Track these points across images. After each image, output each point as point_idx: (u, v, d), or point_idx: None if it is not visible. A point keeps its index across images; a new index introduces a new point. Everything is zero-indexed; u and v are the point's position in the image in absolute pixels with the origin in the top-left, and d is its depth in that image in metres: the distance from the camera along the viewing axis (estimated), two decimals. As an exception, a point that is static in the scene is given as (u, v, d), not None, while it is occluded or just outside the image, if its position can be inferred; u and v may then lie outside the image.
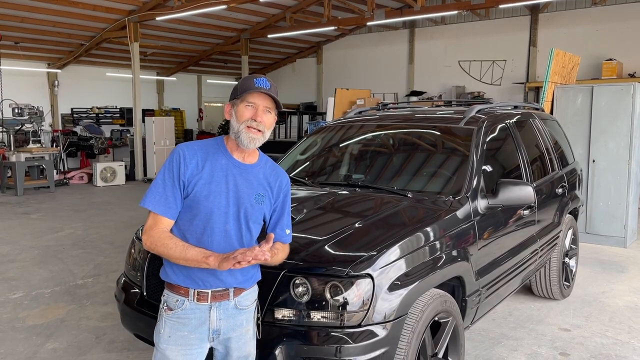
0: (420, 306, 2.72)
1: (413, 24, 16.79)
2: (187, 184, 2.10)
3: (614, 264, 6.28)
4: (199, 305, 2.14)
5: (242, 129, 2.10)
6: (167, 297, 2.20)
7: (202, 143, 2.21)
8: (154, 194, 2.09)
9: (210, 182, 2.10)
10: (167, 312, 2.18)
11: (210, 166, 2.13)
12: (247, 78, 2.17)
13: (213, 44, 17.78)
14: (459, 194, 3.42)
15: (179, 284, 2.14)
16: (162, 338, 2.17)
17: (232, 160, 2.17)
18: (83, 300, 5.09)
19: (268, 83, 2.13)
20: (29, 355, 3.94)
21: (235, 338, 2.22)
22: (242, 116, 2.11)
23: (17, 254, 6.81)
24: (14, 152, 12.03)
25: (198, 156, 2.13)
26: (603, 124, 7.03)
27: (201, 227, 2.10)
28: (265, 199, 2.21)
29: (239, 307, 2.21)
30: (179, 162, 2.10)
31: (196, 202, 2.09)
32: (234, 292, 2.18)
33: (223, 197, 2.11)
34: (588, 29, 13.59)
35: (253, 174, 2.20)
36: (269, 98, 2.13)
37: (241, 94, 2.12)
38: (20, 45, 14.46)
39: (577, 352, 3.97)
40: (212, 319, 2.15)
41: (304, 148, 4.60)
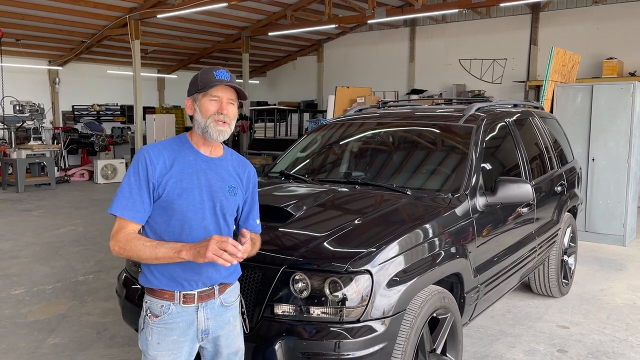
0: (419, 302, 2.74)
1: (414, 22, 16.79)
2: (157, 186, 2.04)
3: (613, 262, 6.30)
4: (185, 307, 2.10)
5: (210, 123, 2.07)
6: (150, 303, 2.13)
7: (166, 142, 2.16)
8: (121, 200, 2.03)
9: (181, 180, 2.06)
10: (152, 320, 2.11)
11: (179, 164, 2.08)
12: (206, 71, 2.13)
13: (214, 42, 17.79)
14: (458, 191, 3.44)
15: (163, 288, 2.09)
16: (150, 345, 2.12)
17: (199, 155, 2.14)
18: (84, 296, 5.12)
19: (228, 75, 2.10)
20: (30, 350, 3.97)
21: (224, 335, 2.21)
22: (208, 110, 2.08)
23: (19, 251, 6.83)
24: (15, 149, 12.06)
25: (164, 155, 2.08)
26: (603, 122, 7.05)
27: (179, 226, 2.06)
28: (237, 190, 2.20)
29: (224, 304, 2.19)
30: (145, 164, 2.04)
31: (170, 202, 2.04)
32: (219, 290, 2.16)
33: (196, 193, 2.08)
34: (589, 28, 13.59)
35: (222, 166, 2.18)
36: (231, 90, 2.11)
37: (203, 88, 2.08)
38: (22, 42, 14.48)
39: (575, 349, 3.99)
40: (200, 320, 2.12)
41: (304, 145, 4.62)
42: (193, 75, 2.18)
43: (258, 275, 2.63)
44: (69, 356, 3.88)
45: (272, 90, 21.41)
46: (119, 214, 2.03)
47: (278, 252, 2.72)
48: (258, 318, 2.59)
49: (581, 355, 3.90)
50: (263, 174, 4.37)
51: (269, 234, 2.97)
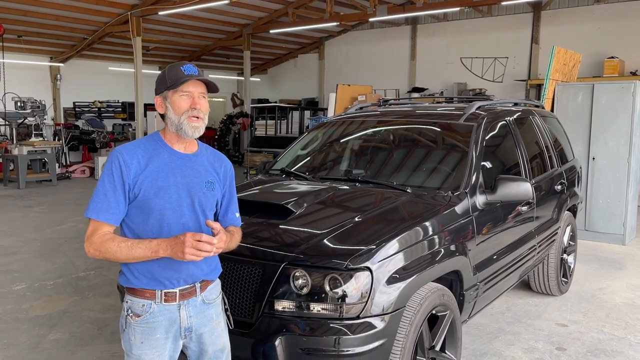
0: (418, 299, 2.76)
1: (415, 21, 16.78)
2: (132, 186, 2.02)
3: (613, 261, 6.32)
4: (167, 306, 2.08)
5: (184, 120, 2.05)
6: (130, 303, 2.10)
7: (138, 142, 2.13)
8: (96, 203, 2.01)
9: (156, 178, 2.04)
10: (134, 319, 2.08)
11: (154, 163, 2.06)
12: (173, 68, 2.10)
13: (215, 39, 17.79)
14: (458, 189, 3.46)
15: (144, 287, 2.07)
16: (134, 345, 2.09)
17: (174, 153, 2.12)
18: (85, 292, 5.14)
19: (195, 69, 2.09)
20: (32, 345, 4.00)
21: (208, 332, 2.20)
22: (180, 107, 2.06)
23: (20, 247, 6.86)
24: (17, 145, 12.09)
25: (138, 155, 2.06)
26: (603, 121, 7.05)
27: (157, 225, 2.05)
28: (215, 185, 2.19)
29: (206, 301, 2.18)
30: (119, 166, 2.02)
31: (146, 201, 2.03)
32: (201, 287, 2.15)
33: (173, 191, 2.06)
34: (590, 27, 13.58)
35: (198, 162, 2.17)
36: (201, 83, 2.10)
37: (172, 85, 2.06)
38: (23, 38, 14.48)
39: (573, 347, 4.01)
40: (182, 318, 2.11)
41: (304, 143, 4.63)
42: (160, 73, 2.15)
43: (259, 271, 2.65)
44: (70, 351, 3.90)
45: (273, 87, 21.41)
46: (94, 217, 2.02)
47: (279, 248, 2.74)
48: (258, 314, 2.61)
49: (580, 353, 3.92)
50: (264, 172, 4.38)
51: (270, 231, 3.00)
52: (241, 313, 2.66)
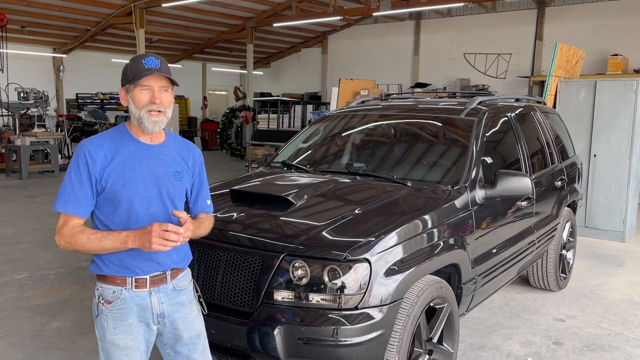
0: (416, 291, 2.78)
1: (419, 15, 16.75)
2: (99, 178, 2.03)
3: (612, 257, 6.33)
4: (138, 292, 2.10)
5: (144, 114, 2.04)
6: (101, 290, 2.12)
7: (105, 134, 2.14)
8: (63, 196, 2.03)
9: (123, 170, 2.05)
10: (105, 306, 2.10)
11: (120, 155, 2.07)
12: (135, 60, 2.08)
13: (218, 32, 17.80)
14: (458, 183, 3.47)
15: (114, 274, 2.09)
16: (107, 330, 2.11)
17: (140, 144, 2.12)
18: (87, 282, 5.18)
19: (157, 61, 2.06)
20: (33, 333, 4.04)
21: (181, 318, 2.21)
22: (140, 101, 2.05)
23: (22, 236, 6.90)
24: (19, 136, 12.12)
25: (104, 148, 2.06)
26: (605, 119, 7.05)
27: (125, 216, 2.06)
28: (183, 175, 2.20)
29: (177, 288, 2.20)
30: (85, 159, 2.03)
31: (114, 193, 2.04)
32: (171, 275, 2.17)
33: (140, 182, 2.07)
34: (595, 24, 13.56)
35: (165, 152, 2.17)
36: (162, 77, 2.07)
37: (133, 79, 2.04)
38: (27, 29, 14.51)
39: (570, 342, 4.03)
40: (153, 304, 2.12)
41: (306, 136, 4.65)
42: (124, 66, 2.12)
43: (258, 261, 2.68)
44: (71, 339, 3.94)
45: (275, 81, 21.41)
46: (61, 210, 2.04)
47: (278, 239, 2.76)
48: (257, 304, 2.63)
49: (577, 347, 3.95)
50: (265, 164, 4.40)
51: (270, 222, 3.02)
52: (240, 303, 2.68)
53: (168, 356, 2.29)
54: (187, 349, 2.25)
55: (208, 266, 2.81)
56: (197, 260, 2.82)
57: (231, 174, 4.57)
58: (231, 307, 2.71)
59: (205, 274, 2.80)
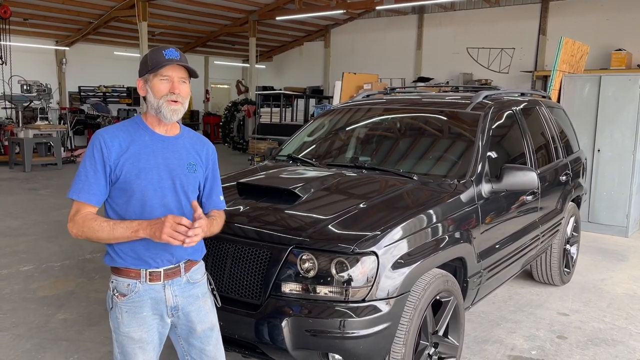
0: (423, 284, 2.80)
1: (422, 10, 16.69)
2: (114, 168, 2.05)
3: (615, 252, 6.34)
4: (152, 285, 2.11)
5: (163, 103, 2.07)
6: (116, 283, 2.13)
7: (120, 125, 2.16)
8: (77, 184, 2.05)
9: (138, 160, 2.07)
10: (120, 299, 2.11)
11: (135, 145, 2.09)
12: (155, 51, 2.11)
13: (221, 25, 17.75)
14: (464, 177, 3.48)
15: (128, 267, 2.10)
16: (122, 323, 2.12)
17: (155, 135, 2.14)
18: (92, 274, 5.20)
19: (177, 53, 2.09)
20: (40, 324, 4.06)
21: (195, 311, 2.22)
22: (160, 91, 2.07)
23: (27, 228, 6.93)
24: (22, 128, 12.13)
25: (120, 138, 2.08)
26: (609, 113, 7.05)
27: (139, 206, 2.07)
28: (197, 167, 2.21)
29: (191, 281, 2.21)
30: (100, 147, 2.05)
31: (128, 182, 2.05)
32: (185, 268, 2.19)
33: (154, 172, 2.08)
34: (598, 19, 13.51)
35: (179, 144, 2.19)
36: (182, 68, 2.10)
37: (153, 69, 2.07)
38: (29, 22, 14.49)
39: (574, 336, 4.05)
40: (167, 297, 2.14)
41: (311, 130, 4.65)
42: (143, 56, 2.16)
43: (266, 254, 2.69)
44: (77, 330, 3.97)
45: (278, 75, 21.38)
46: (75, 197, 2.05)
47: (286, 232, 2.78)
48: (265, 296, 2.65)
49: (580, 341, 3.96)
50: (270, 157, 4.41)
51: (277, 215, 3.03)
52: (248, 295, 2.70)
53: (182, 348, 2.30)
54: (201, 341, 2.26)
55: (216, 258, 2.82)
56: (205, 252, 2.83)
57: (233, 168, 4.58)
58: (239, 299, 2.73)
59: (213, 267, 2.81)
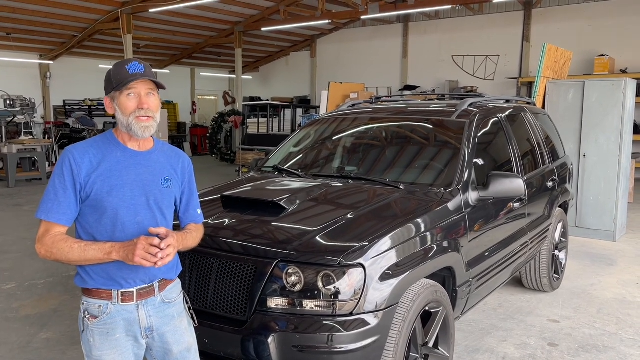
0: (411, 296, 2.76)
1: (407, 18, 16.81)
2: (84, 185, 1.97)
3: (604, 257, 6.35)
4: (124, 306, 2.03)
5: (132, 120, 2.00)
6: (87, 304, 2.05)
7: (91, 141, 2.08)
8: (46, 203, 1.98)
9: (109, 177, 2.00)
10: (91, 321, 2.02)
11: (107, 162, 2.02)
12: (118, 66, 2.04)
13: (206, 37, 17.73)
14: (451, 186, 3.46)
15: (99, 287, 2.01)
16: (93, 347, 2.04)
17: (127, 151, 2.07)
18: (76, 291, 5.10)
19: (141, 66, 2.02)
20: (22, 344, 3.96)
21: (170, 332, 2.15)
22: (128, 108, 2.00)
23: (10, 245, 6.80)
24: (6, 143, 11.97)
25: (90, 154, 2.01)
26: (594, 119, 7.09)
27: (110, 225, 1.99)
28: (172, 182, 2.14)
29: (166, 301, 2.13)
30: (70, 165, 1.97)
31: (99, 200, 1.98)
32: (159, 287, 2.11)
33: (127, 189, 2.01)
34: (581, 25, 13.67)
35: (153, 159, 2.12)
36: (147, 81, 2.03)
37: (118, 86, 2.00)
38: (12, 36, 14.37)
39: (565, 343, 4.03)
40: (141, 318, 2.06)
41: (297, 140, 4.62)
42: (107, 73, 2.09)
43: (251, 268, 2.64)
44: (61, 350, 3.87)
45: (265, 85, 21.37)
46: (44, 218, 1.98)
47: (271, 245, 2.73)
48: (251, 312, 2.59)
49: (572, 349, 3.94)
50: (256, 169, 4.37)
51: (262, 228, 2.98)
52: (234, 311, 2.64)
53: None
54: None
55: (200, 274, 2.76)
56: (189, 268, 2.77)
57: (221, 179, 4.53)
58: (224, 315, 2.67)
59: (197, 282, 2.75)
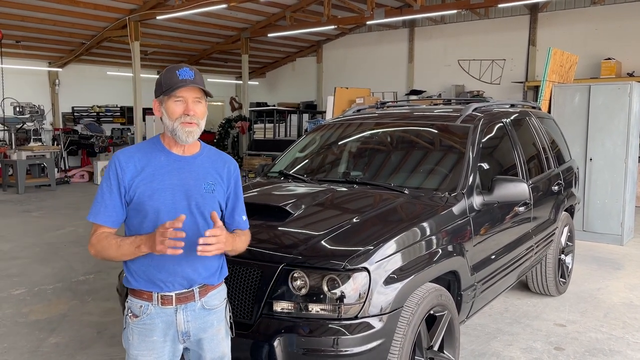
0: (416, 299, 2.78)
1: (413, 23, 16.83)
2: (128, 189, 2.06)
3: (610, 261, 6.33)
4: (163, 309, 2.09)
5: (177, 125, 2.05)
6: (130, 303, 2.15)
7: (138, 146, 2.17)
8: (95, 206, 2.08)
9: (152, 181, 2.06)
10: (132, 320, 2.12)
11: (151, 166, 2.08)
12: (169, 71, 2.09)
13: (213, 43, 17.83)
14: (455, 190, 3.48)
15: (142, 288, 2.10)
16: (132, 345, 2.12)
17: (171, 155, 2.12)
18: (85, 296, 5.15)
19: (192, 72, 2.07)
20: (32, 349, 4.01)
21: (207, 339, 2.18)
22: (174, 113, 2.05)
23: (19, 251, 6.87)
24: (15, 150, 12.09)
25: (135, 159, 2.09)
26: (600, 122, 7.08)
27: (152, 227, 2.03)
28: (216, 187, 2.15)
29: (206, 307, 2.16)
30: (115, 169, 2.07)
31: (141, 203, 2.05)
32: (200, 293, 2.13)
33: (168, 193, 2.06)
34: (587, 28, 13.63)
35: (197, 164, 2.15)
36: (196, 88, 2.07)
37: (167, 91, 2.05)
38: (22, 44, 14.51)
39: (571, 347, 4.02)
40: (179, 322, 2.11)
41: (303, 146, 4.65)
42: (158, 77, 2.14)
43: (257, 273, 2.67)
44: (70, 355, 3.91)
45: (271, 91, 21.44)
46: (92, 220, 2.09)
47: (277, 250, 2.76)
48: (257, 315, 2.62)
49: (578, 353, 3.94)
50: (262, 174, 4.40)
51: (268, 233, 3.01)
52: (240, 314, 2.67)
53: None
54: None
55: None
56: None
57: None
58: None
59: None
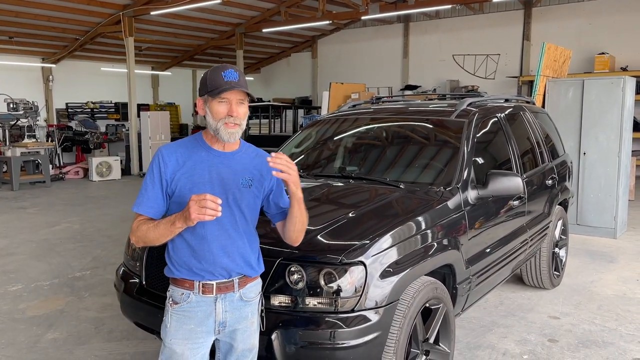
0: (412, 293, 2.81)
1: (407, 18, 16.85)
2: (170, 182, 2.14)
3: (604, 254, 6.39)
4: (204, 297, 2.16)
5: (221, 126, 2.12)
6: (172, 291, 2.23)
7: (181, 141, 2.26)
8: (139, 197, 2.17)
9: (192, 174, 2.14)
10: (172, 306, 2.20)
11: (192, 160, 2.17)
12: (215, 72, 2.14)
13: (208, 39, 17.81)
14: (450, 184, 3.50)
15: (184, 277, 2.18)
16: (168, 332, 2.20)
17: (212, 151, 2.20)
18: (82, 292, 5.16)
19: (237, 74, 2.13)
20: (29, 344, 4.02)
21: (241, 330, 2.25)
22: (218, 113, 2.11)
23: (15, 248, 6.86)
24: (10, 147, 12.05)
25: (177, 153, 2.18)
26: (594, 117, 7.13)
27: None
28: (254, 183, 2.23)
29: (244, 298, 2.23)
30: (158, 163, 2.16)
31: (182, 196, 2.12)
32: (239, 284, 2.21)
33: (207, 186, 2.13)
34: (581, 23, 13.70)
35: (236, 160, 2.22)
36: (240, 90, 2.13)
37: (212, 92, 2.11)
38: (15, 40, 14.45)
39: (565, 339, 4.07)
40: (217, 311, 2.18)
41: (298, 141, 4.67)
42: (203, 73, 2.21)
43: (254, 267, 2.69)
44: (68, 350, 3.93)
45: (266, 86, 21.43)
46: (135, 210, 2.17)
47: (274, 244, 2.76)
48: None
49: (571, 344, 3.98)
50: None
51: (265, 227, 3.02)
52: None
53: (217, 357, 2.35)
54: (236, 358, 2.30)
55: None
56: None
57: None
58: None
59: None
